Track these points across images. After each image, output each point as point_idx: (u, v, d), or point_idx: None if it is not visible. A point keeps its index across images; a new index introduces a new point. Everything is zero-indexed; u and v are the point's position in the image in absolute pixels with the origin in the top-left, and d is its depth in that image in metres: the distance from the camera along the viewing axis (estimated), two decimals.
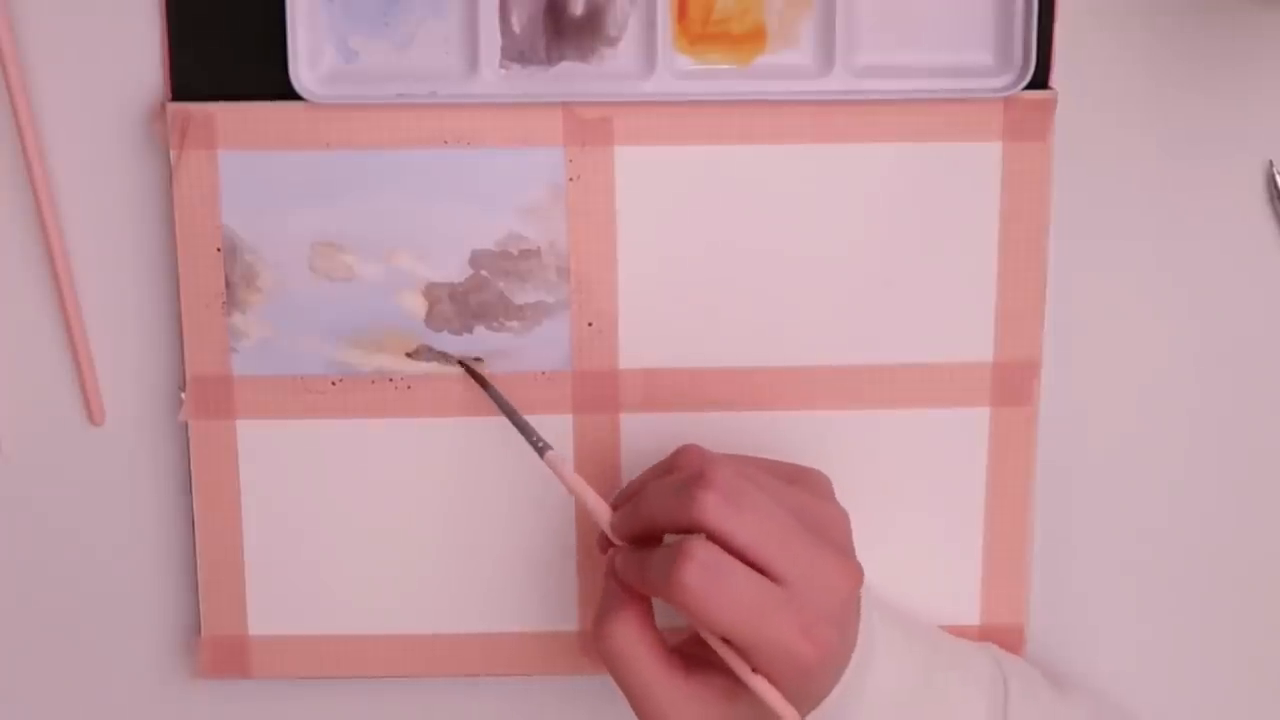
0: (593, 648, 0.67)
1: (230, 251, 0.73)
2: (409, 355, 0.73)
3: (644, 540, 0.67)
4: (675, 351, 0.74)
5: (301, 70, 0.71)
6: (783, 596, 0.63)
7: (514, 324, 0.74)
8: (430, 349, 0.73)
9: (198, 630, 0.76)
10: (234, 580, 0.76)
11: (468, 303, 0.73)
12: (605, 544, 0.69)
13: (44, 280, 0.74)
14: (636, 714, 0.67)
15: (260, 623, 0.76)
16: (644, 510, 0.66)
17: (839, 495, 0.70)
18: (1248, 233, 0.75)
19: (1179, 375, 0.76)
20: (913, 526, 0.76)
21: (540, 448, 0.70)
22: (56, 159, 0.73)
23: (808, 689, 0.65)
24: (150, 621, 0.77)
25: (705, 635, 0.65)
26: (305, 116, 0.72)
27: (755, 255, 0.73)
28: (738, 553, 0.63)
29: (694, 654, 0.67)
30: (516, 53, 0.72)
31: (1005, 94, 0.71)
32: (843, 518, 0.68)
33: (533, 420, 0.72)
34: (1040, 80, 0.72)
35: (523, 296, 0.73)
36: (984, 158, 0.72)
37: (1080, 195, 0.74)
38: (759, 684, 0.64)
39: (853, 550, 0.68)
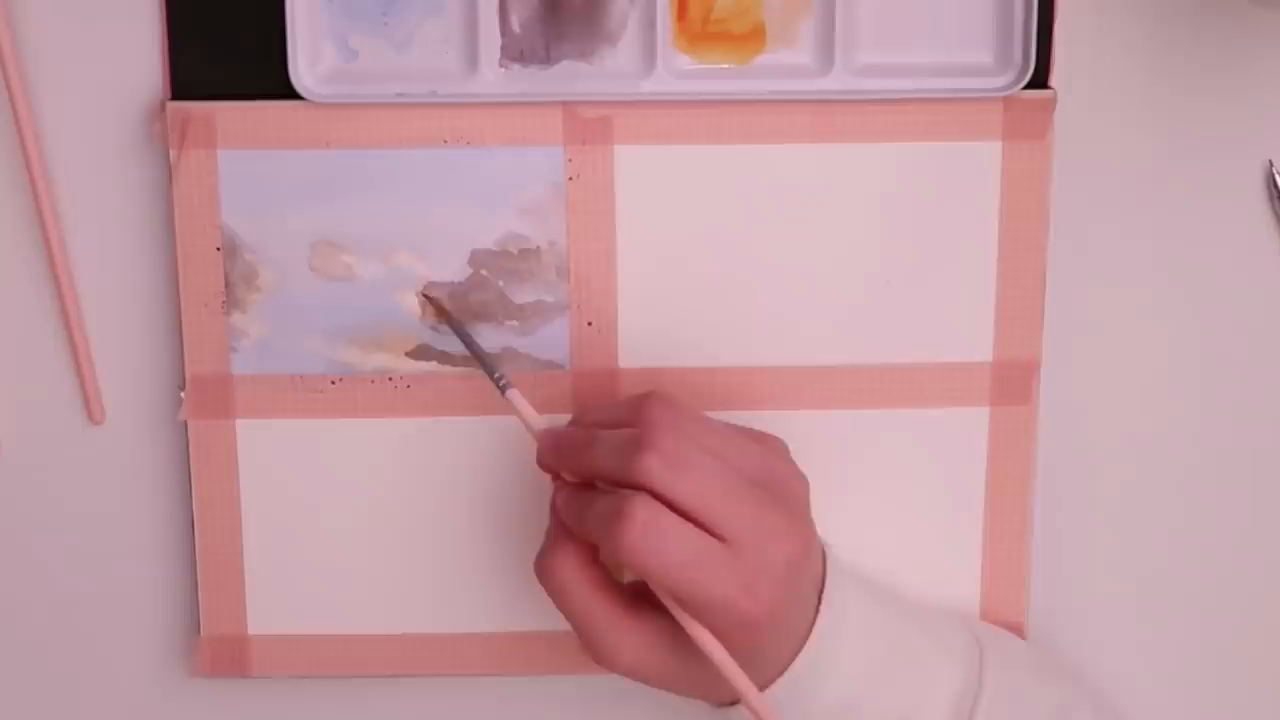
0: (540, 581, 0.68)
1: (230, 251, 0.73)
2: (427, 313, 0.73)
3: (584, 480, 0.67)
4: (675, 351, 0.74)
5: (301, 70, 0.71)
6: (725, 554, 0.63)
7: (514, 323, 0.74)
8: (426, 296, 0.73)
9: (197, 629, 0.76)
10: (233, 579, 0.76)
11: (467, 302, 0.73)
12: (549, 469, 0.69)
13: (44, 280, 0.74)
14: (582, 645, 0.68)
15: (260, 622, 0.76)
16: (587, 461, 0.66)
17: (840, 493, 0.70)
18: (1248, 233, 0.75)
19: (1179, 375, 0.76)
20: (913, 526, 0.76)
21: (502, 385, 0.70)
22: (56, 159, 0.73)
23: (756, 649, 0.65)
24: (150, 620, 0.77)
25: (652, 586, 0.65)
26: (305, 116, 0.72)
27: (755, 255, 0.73)
28: (680, 511, 0.63)
29: (640, 593, 0.67)
30: (516, 52, 0.72)
31: (1005, 93, 0.71)
32: (799, 481, 0.68)
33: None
34: (1040, 80, 0.72)
35: (522, 296, 0.73)
36: (984, 157, 0.72)
37: (1080, 195, 0.74)
38: (702, 636, 0.65)
39: (807, 515, 0.68)
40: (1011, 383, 0.75)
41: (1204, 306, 0.76)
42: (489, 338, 0.74)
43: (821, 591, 0.68)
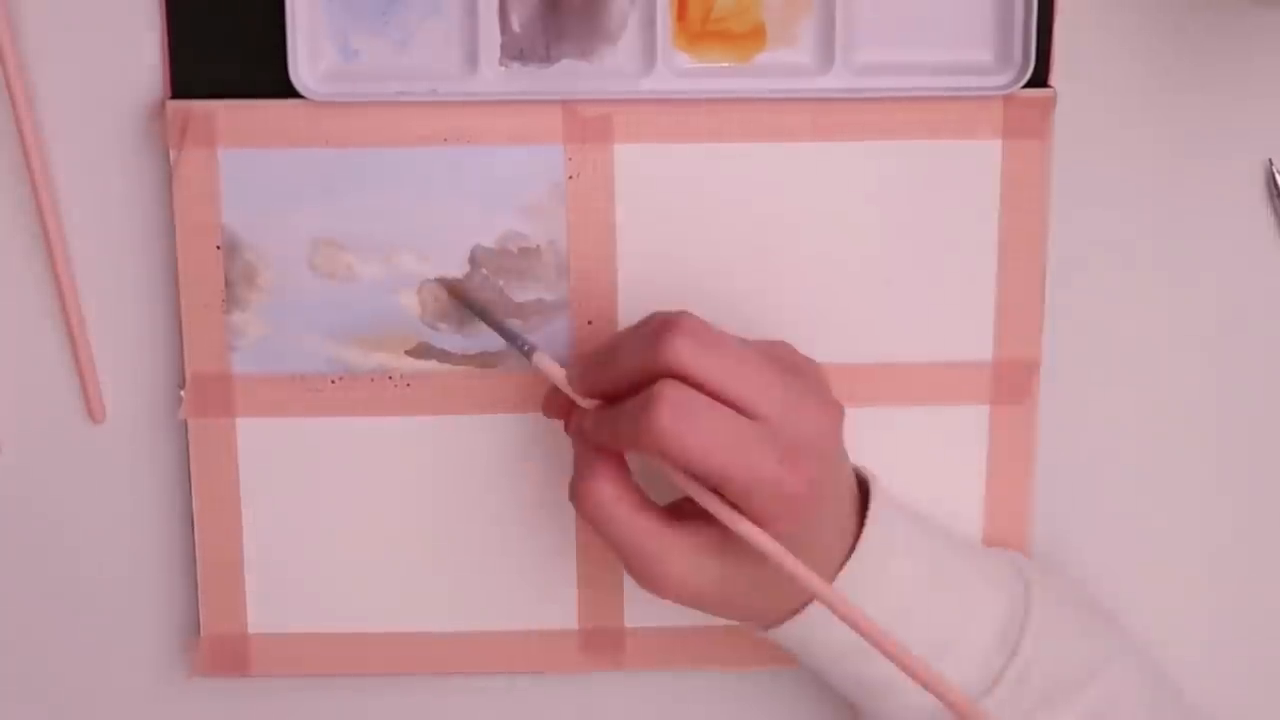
0: (578, 509, 0.66)
1: (230, 250, 0.73)
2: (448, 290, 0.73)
3: (612, 398, 0.66)
4: None
5: (301, 68, 0.71)
6: (761, 430, 0.63)
7: (514, 322, 0.74)
8: (444, 279, 0.73)
9: (197, 628, 0.76)
10: (233, 578, 0.76)
11: (467, 302, 0.73)
12: (559, 409, 0.69)
13: (44, 279, 0.74)
14: (628, 571, 0.66)
15: (260, 621, 0.76)
16: (612, 363, 0.65)
17: None
18: (1248, 232, 0.75)
19: (1179, 374, 0.76)
20: None
21: (526, 351, 0.69)
22: (56, 158, 0.73)
23: (800, 532, 0.64)
24: (150, 620, 0.77)
25: (686, 485, 0.64)
26: (305, 115, 0.72)
27: (754, 253, 0.73)
28: (711, 393, 0.63)
29: (682, 510, 0.66)
30: (516, 51, 0.72)
31: (1005, 92, 0.71)
32: (817, 366, 0.68)
33: (533, 418, 0.72)
34: (1040, 78, 0.72)
35: (522, 294, 0.73)
36: (983, 156, 0.73)
37: (1080, 194, 0.74)
38: (745, 526, 0.63)
39: (831, 393, 0.67)
40: (1011, 382, 0.75)
41: (1204, 306, 0.76)
42: (489, 337, 0.74)
43: (866, 508, 0.68)
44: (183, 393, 0.74)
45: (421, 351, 0.74)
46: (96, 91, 0.73)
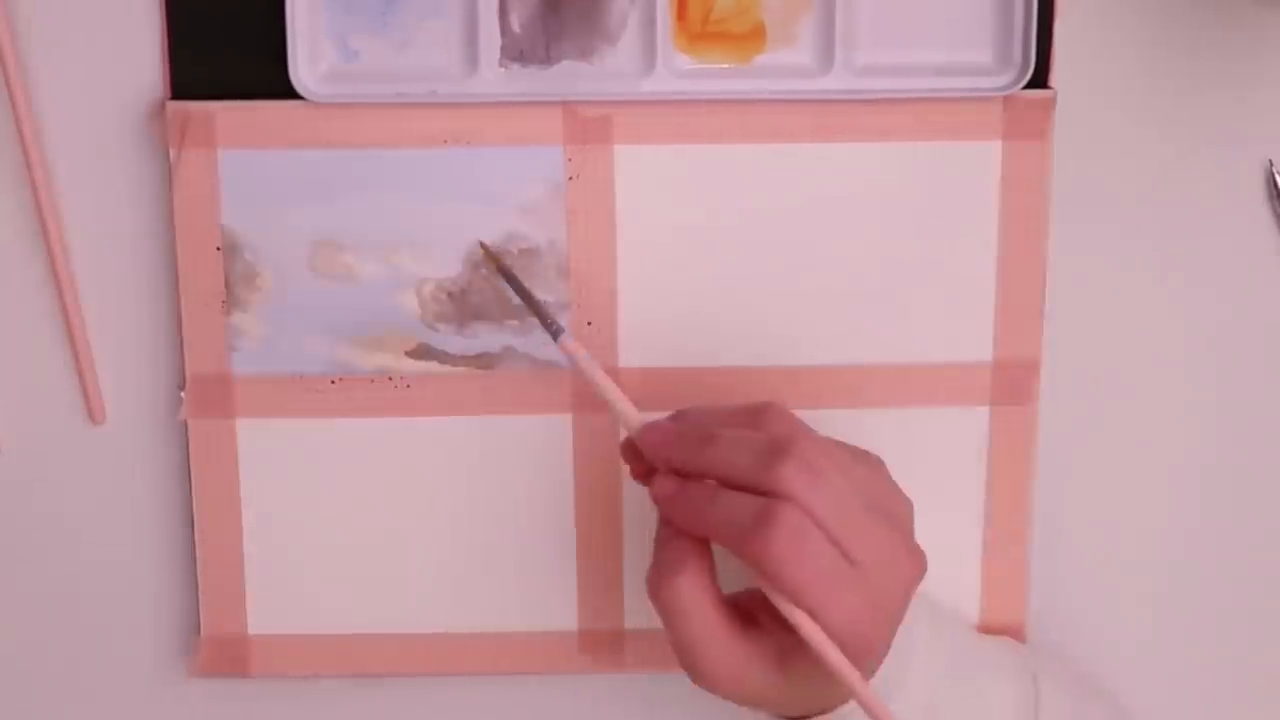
0: (649, 594, 0.65)
1: (230, 251, 0.73)
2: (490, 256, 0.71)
3: (690, 474, 0.65)
4: (674, 351, 0.74)
5: (301, 69, 0.71)
6: (856, 576, 0.62)
7: (513, 323, 0.74)
8: (481, 243, 0.72)
9: (197, 629, 0.76)
10: (233, 579, 0.76)
11: (467, 301, 0.73)
12: (633, 455, 0.67)
13: (44, 280, 0.74)
14: (685, 667, 0.65)
15: (260, 622, 0.76)
16: (714, 456, 0.64)
17: None
18: (1248, 233, 0.75)
19: (1179, 374, 0.76)
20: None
21: (555, 331, 0.68)
22: (56, 158, 0.73)
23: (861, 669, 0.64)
24: (150, 620, 0.77)
25: (771, 594, 0.63)
26: (305, 115, 0.72)
27: (755, 254, 0.73)
28: (819, 526, 0.62)
29: (748, 610, 0.66)
30: (516, 52, 0.72)
31: (1005, 93, 0.71)
32: (907, 505, 0.67)
33: (533, 419, 0.72)
34: (1040, 79, 0.72)
35: None
36: (983, 157, 0.72)
37: (1080, 195, 0.74)
38: (823, 642, 0.63)
39: (914, 538, 0.67)
40: (1012, 382, 0.75)
41: (1204, 306, 0.76)
42: (489, 337, 0.74)
43: None
44: (183, 393, 0.74)
45: (421, 352, 0.74)
46: (96, 91, 0.73)
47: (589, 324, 0.74)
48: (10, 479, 0.76)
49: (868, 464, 0.67)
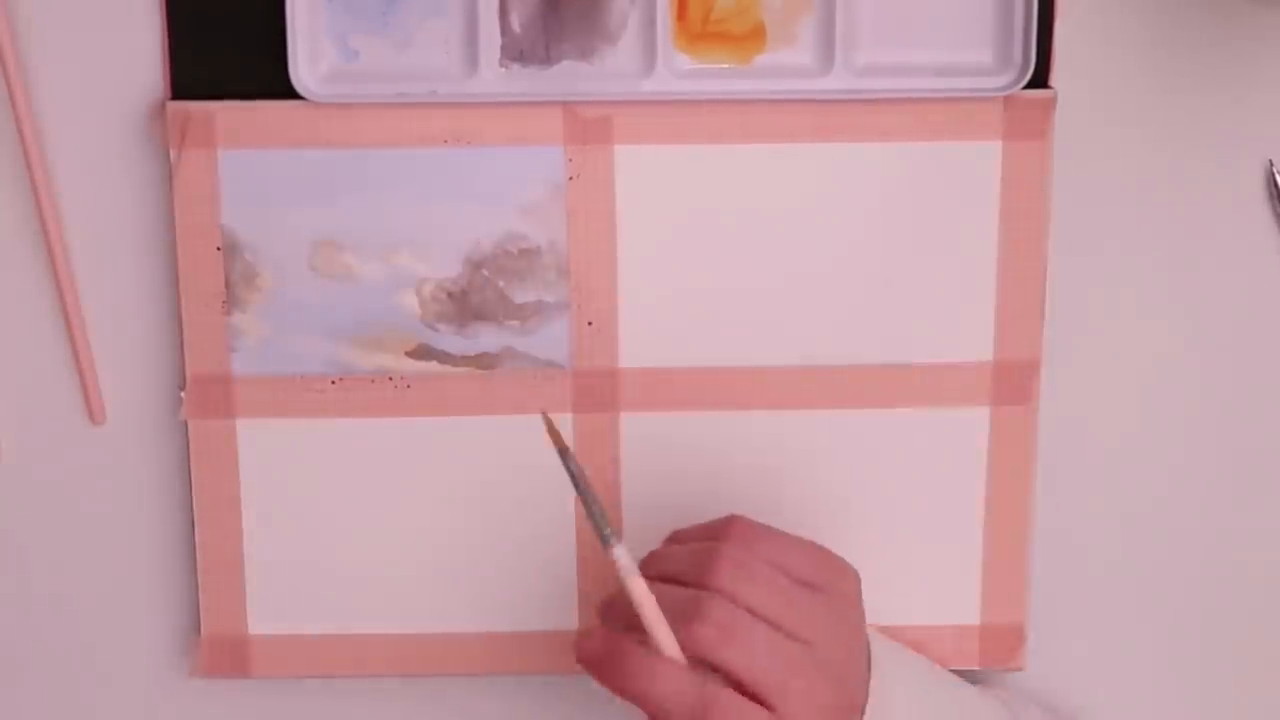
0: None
1: (230, 251, 0.73)
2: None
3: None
4: (675, 351, 0.74)
5: (301, 69, 0.71)
6: (806, 652, 0.63)
7: (514, 323, 0.74)
8: (544, 415, 0.66)
9: (197, 629, 0.76)
10: (233, 579, 0.76)
11: (467, 301, 0.73)
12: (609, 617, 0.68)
13: (44, 280, 0.74)
14: None
15: (260, 622, 0.76)
16: (662, 569, 0.65)
17: (840, 493, 0.70)
18: (1248, 233, 0.75)
19: (1179, 375, 0.76)
20: (913, 526, 0.76)
21: (606, 535, 0.64)
22: (56, 159, 0.73)
23: None
24: (150, 620, 0.78)
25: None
26: (305, 115, 0.72)
27: (755, 254, 0.73)
28: (757, 615, 0.63)
29: None
30: (516, 52, 0.72)
31: (1005, 93, 0.71)
32: (851, 577, 0.67)
33: (533, 419, 0.72)
34: (1040, 79, 0.72)
35: (523, 295, 0.73)
36: (984, 157, 0.72)
37: (1080, 195, 0.74)
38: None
39: (860, 602, 0.67)
40: (1012, 382, 0.75)
41: (1204, 306, 0.76)
42: (489, 338, 0.74)
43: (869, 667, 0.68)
44: (183, 394, 0.74)
45: (421, 353, 0.74)
46: (96, 91, 0.73)
47: (589, 324, 0.74)
48: (10, 479, 0.76)
49: (827, 575, 0.66)
